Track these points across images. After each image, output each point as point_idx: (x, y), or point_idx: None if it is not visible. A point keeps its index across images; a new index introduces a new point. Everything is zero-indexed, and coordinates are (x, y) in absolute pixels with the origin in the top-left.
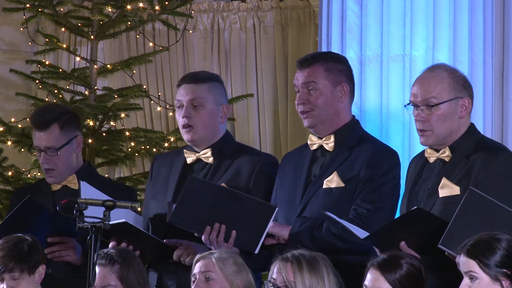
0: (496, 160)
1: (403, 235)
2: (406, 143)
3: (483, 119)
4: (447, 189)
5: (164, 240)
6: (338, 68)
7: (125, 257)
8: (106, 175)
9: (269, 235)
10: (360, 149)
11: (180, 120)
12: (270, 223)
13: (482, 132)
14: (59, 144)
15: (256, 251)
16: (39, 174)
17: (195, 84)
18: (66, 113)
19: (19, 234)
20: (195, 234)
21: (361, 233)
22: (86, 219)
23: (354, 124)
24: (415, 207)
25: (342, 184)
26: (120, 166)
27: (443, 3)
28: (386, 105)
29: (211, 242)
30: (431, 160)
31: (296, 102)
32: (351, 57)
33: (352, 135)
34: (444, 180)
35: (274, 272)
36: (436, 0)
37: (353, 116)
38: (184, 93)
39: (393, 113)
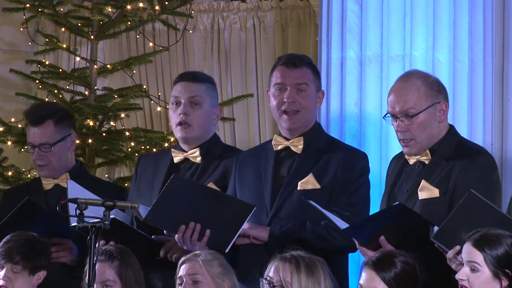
0: (475, 163)
1: (382, 230)
2: None
3: (483, 119)
4: (427, 191)
5: (153, 236)
6: (319, 74)
7: (124, 254)
8: (106, 175)
9: (242, 235)
10: (331, 151)
11: (176, 117)
12: (246, 223)
13: (482, 133)
14: (53, 140)
15: (226, 250)
16: None
17: (194, 83)
18: (60, 110)
19: (34, 233)
20: (165, 232)
21: (342, 225)
22: (86, 219)
23: (318, 126)
24: (397, 202)
25: (318, 186)
26: (120, 166)
27: (443, 3)
28: (386, 105)
29: (185, 241)
30: (411, 162)
31: (284, 99)
32: (351, 57)
33: (319, 138)
34: (423, 183)
35: (271, 270)
36: (436, 0)
37: (315, 119)
38: (183, 90)
39: None
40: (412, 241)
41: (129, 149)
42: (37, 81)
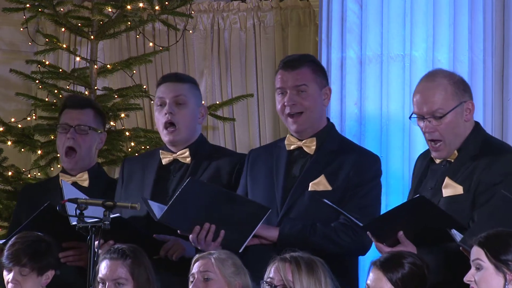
0: (499, 160)
1: (402, 225)
2: (406, 143)
3: (483, 119)
4: (451, 188)
5: (154, 235)
6: (322, 71)
7: (136, 254)
8: None
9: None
10: (345, 153)
11: (162, 118)
12: (260, 224)
13: None
14: (91, 124)
15: (240, 251)
16: (39, 174)
17: (178, 83)
18: (100, 107)
19: (39, 233)
20: (179, 231)
21: (360, 223)
22: (86, 219)
23: (331, 127)
24: (418, 195)
25: (330, 188)
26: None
27: (443, 3)
28: (386, 105)
29: (199, 241)
30: (437, 160)
31: (285, 103)
32: (351, 57)
33: (332, 138)
34: (447, 180)
35: (271, 271)
36: (436, 0)
37: (328, 118)
38: (167, 90)
39: (393, 114)
40: (430, 237)
41: (129, 149)
42: (37, 81)
